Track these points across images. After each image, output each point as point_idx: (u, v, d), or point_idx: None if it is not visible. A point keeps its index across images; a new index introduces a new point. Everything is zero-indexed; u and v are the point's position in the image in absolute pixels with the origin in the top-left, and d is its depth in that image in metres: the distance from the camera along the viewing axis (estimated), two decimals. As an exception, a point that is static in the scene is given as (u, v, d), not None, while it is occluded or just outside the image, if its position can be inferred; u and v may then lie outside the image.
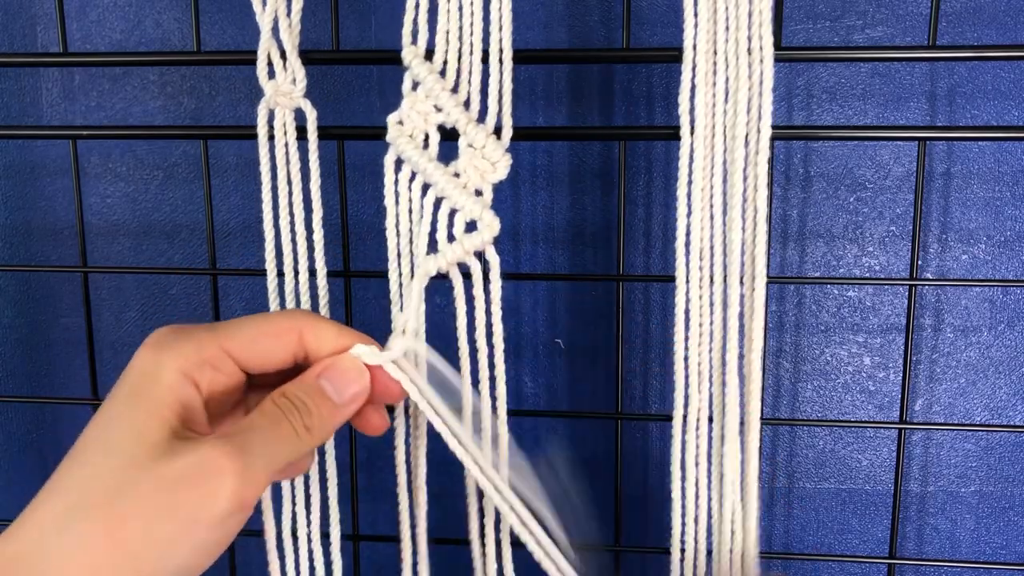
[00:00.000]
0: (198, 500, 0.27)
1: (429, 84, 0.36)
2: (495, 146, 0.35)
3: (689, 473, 0.38)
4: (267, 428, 0.30)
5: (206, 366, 0.30)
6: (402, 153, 0.36)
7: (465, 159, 0.36)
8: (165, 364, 0.30)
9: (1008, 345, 0.54)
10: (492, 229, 0.35)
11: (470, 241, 0.35)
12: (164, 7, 0.56)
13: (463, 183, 0.35)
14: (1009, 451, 0.56)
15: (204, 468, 0.27)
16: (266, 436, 0.30)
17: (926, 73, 0.52)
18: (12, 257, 0.59)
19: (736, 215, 0.35)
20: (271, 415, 0.30)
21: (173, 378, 0.29)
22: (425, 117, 0.36)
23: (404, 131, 0.36)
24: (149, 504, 0.27)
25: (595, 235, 0.55)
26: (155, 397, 0.29)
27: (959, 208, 0.53)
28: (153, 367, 0.30)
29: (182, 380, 0.30)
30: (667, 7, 0.53)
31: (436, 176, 0.35)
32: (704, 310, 0.36)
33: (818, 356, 0.56)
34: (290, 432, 0.30)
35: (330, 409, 0.32)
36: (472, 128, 0.35)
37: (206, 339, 0.31)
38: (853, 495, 0.57)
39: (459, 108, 0.36)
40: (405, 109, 0.36)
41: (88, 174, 0.58)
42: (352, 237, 0.55)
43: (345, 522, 0.41)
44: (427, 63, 0.36)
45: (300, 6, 0.37)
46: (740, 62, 0.35)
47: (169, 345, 0.30)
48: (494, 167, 0.35)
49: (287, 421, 0.30)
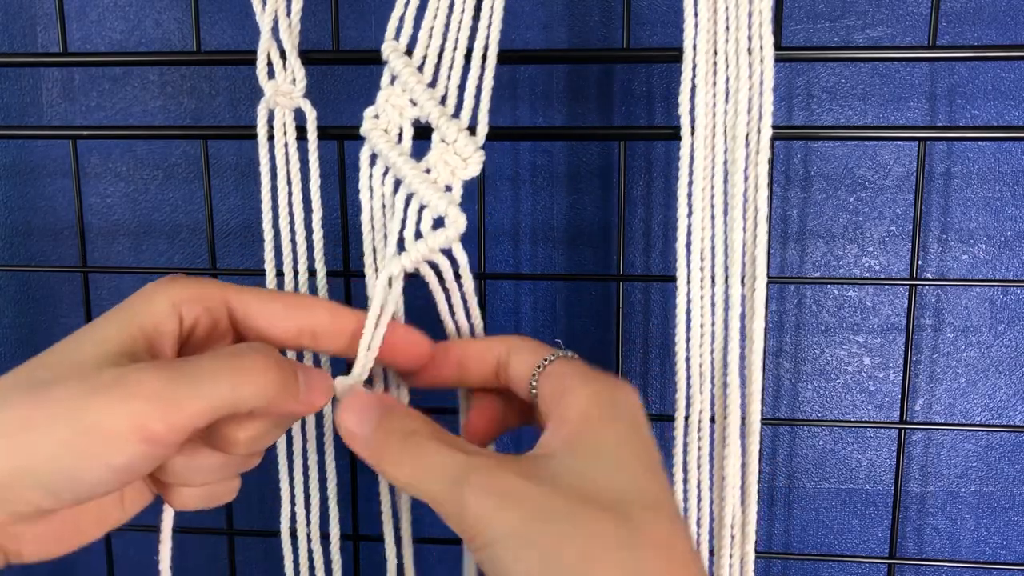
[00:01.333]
0: (108, 414, 0.25)
1: (404, 77, 0.35)
2: (467, 142, 0.35)
3: (691, 475, 0.38)
4: (212, 366, 0.27)
5: (198, 304, 0.30)
6: (375, 147, 0.35)
7: (436, 154, 0.35)
8: (161, 291, 0.30)
9: (1008, 345, 0.54)
10: (458, 226, 0.34)
11: (435, 239, 0.34)
12: (164, 7, 0.56)
13: (433, 179, 0.35)
14: (1009, 451, 0.56)
15: (122, 383, 0.26)
16: (206, 371, 0.27)
17: (926, 73, 0.52)
18: (12, 257, 0.59)
19: (737, 215, 0.35)
20: (225, 354, 0.28)
21: (161, 305, 0.29)
22: (400, 111, 0.35)
23: (379, 125, 0.36)
24: (63, 406, 0.25)
25: (595, 235, 0.55)
26: (133, 316, 0.29)
27: (959, 208, 0.53)
28: (151, 291, 0.30)
29: (168, 309, 0.29)
30: (667, 7, 0.53)
31: (405, 170, 0.35)
32: (705, 310, 0.36)
33: (818, 356, 0.56)
34: (233, 376, 0.27)
35: (288, 386, 0.29)
36: (445, 123, 0.35)
37: (213, 284, 0.30)
38: (853, 495, 0.57)
39: (433, 102, 0.35)
40: (380, 103, 0.36)
41: (88, 174, 0.58)
42: (352, 237, 0.55)
43: (345, 522, 0.41)
44: (405, 57, 0.35)
45: (300, 6, 0.37)
46: (740, 62, 0.35)
47: (176, 280, 0.30)
48: (465, 163, 0.35)
49: (238, 366, 0.27)
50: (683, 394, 0.37)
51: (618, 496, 0.26)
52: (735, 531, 0.37)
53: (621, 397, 0.29)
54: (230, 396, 0.27)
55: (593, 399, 0.29)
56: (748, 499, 0.37)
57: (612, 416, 0.28)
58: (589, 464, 0.27)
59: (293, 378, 0.29)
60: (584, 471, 0.27)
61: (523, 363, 0.32)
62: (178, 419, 0.26)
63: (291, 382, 0.29)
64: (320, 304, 0.32)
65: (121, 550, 0.53)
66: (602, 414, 0.28)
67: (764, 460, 0.57)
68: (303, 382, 0.29)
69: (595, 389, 0.29)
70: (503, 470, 0.27)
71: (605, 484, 0.27)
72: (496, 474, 0.27)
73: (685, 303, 0.36)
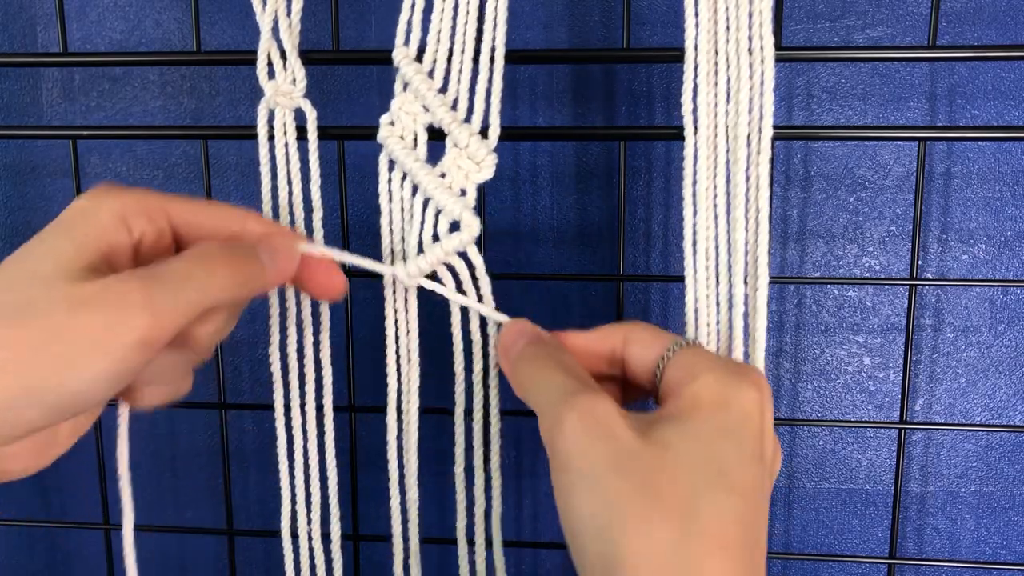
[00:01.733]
0: (102, 326, 0.26)
1: (416, 84, 0.36)
2: (479, 145, 0.36)
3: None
4: (185, 268, 0.29)
5: (143, 216, 0.30)
6: (391, 153, 0.36)
7: (450, 159, 0.36)
8: (103, 205, 0.30)
9: (1008, 345, 0.54)
10: (472, 230, 0.35)
11: (450, 242, 0.35)
12: (164, 7, 0.56)
13: (448, 183, 0.36)
14: (1009, 451, 0.56)
15: (111, 295, 0.27)
16: (182, 274, 0.29)
17: (926, 73, 0.52)
18: (12, 257, 0.59)
19: (739, 215, 0.35)
20: (193, 256, 0.29)
21: (108, 219, 0.29)
22: (414, 118, 0.36)
23: (395, 132, 0.37)
24: (52, 323, 0.26)
25: (595, 235, 0.55)
26: (84, 231, 0.29)
27: (959, 208, 0.53)
28: (91, 206, 0.30)
29: (116, 223, 0.30)
30: (667, 7, 0.53)
31: (421, 176, 0.36)
32: (710, 310, 0.36)
33: (818, 356, 0.56)
34: (207, 275, 0.29)
35: (254, 270, 0.31)
36: (457, 128, 0.36)
37: (151, 195, 0.31)
38: (853, 495, 0.57)
39: (445, 108, 0.36)
40: (395, 110, 0.37)
41: (88, 174, 0.58)
42: (352, 237, 0.55)
43: (345, 522, 0.41)
44: (415, 63, 0.36)
45: (300, 6, 0.37)
46: (741, 62, 0.35)
47: (111, 192, 0.30)
48: (479, 167, 0.36)
49: (208, 265, 0.29)
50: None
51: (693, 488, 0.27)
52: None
53: (739, 387, 0.29)
54: (209, 295, 0.29)
55: (712, 385, 0.29)
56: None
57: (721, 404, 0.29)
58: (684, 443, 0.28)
59: (259, 264, 0.31)
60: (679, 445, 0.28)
61: (646, 351, 0.32)
62: (168, 322, 0.28)
63: (257, 269, 0.31)
64: (251, 216, 0.33)
65: (119, 547, 0.53)
66: (714, 399, 0.29)
67: (764, 460, 0.57)
68: (268, 259, 0.32)
69: (718, 376, 0.30)
70: (611, 405, 0.28)
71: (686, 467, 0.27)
72: (602, 406, 0.28)
73: (693, 302, 0.36)
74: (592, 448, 0.28)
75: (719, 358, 0.31)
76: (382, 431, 0.39)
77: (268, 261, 0.32)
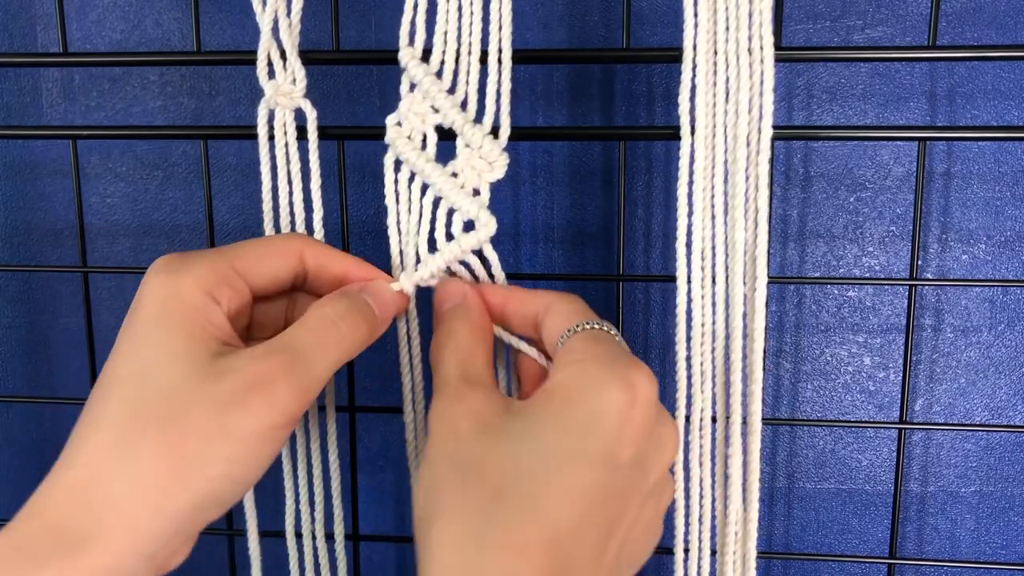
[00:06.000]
0: (252, 416, 0.27)
1: (426, 85, 0.36)
2: (492, 146, 0.36)
3: (693, 474, 0.38)
4: (314, 339, 0.29)
5: (223, 284, 0.30)
6: (400, 154, 0.36)
7: (462, 159, 0.36)
8: (184, 286, 0.29)
9: (1008, 345, 0.54)
10: (489, 228, 0.35)
11: (467, 240, 0.35)
12: (164, 7, 0.56)
13: (460, 183, 0.36)
14: (1009, 451, 0.56)
15: (255, 383, 0.27)
16: (313, 344, 0.29)
17: (926, 73, 0.52)
18: (12, 257, 0.59)
19: (738, 215, 0.35)
20: (320, 324, 0.30)
21: (197, 298, 0.29)
22: (422, 118, 0.36)
23: (402, 132, 0.36)
24: (203, 426, 0.26)
25: (595, 235, 0.55)
26: (185, 319, 0.28)
27: (959, 208, 0.53)
28: (172, 290, 0.29)
29: (206, 299, 0.29)
30: (667, 7, 0.53)
31: (434, 176, 0.36)
32: (706, 310, 0.36)
33: (818, 356, 0.56)
34: (337, 342, 0.30)
35: (374, 325, 0.32)
36: (469, 128, 0.36)
37: (217, 259, 0.30)
38: (853, 495, 0.57)
39: (455, 109, 0.36)
40: (403, 110, 0.36)
41: (88, 174, 0.58)
42: (352, 237, 0.55)
43: (345, 521, 0.41)
44: (423, 64, 0.36)
45: (300, 6, 0.37)
46: (740, 62, 0.35)
47: (182, 268, 0.29)
48: (491, 167, 0.36)
49: (334, 330, 0.30)
50: (684, 393, 0.37)
51: (502, 486, 0.26)
52: (738, 529, 0.37)
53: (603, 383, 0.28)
54: (342, 360, 0.30)
55: (576, 376, 0.28)
56: (750, 498, 0.37)
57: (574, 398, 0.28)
58: (521, 437, 0.27)
59: (375, 317, 0.32)
60: (517, 438, 0.27)
61: (557, 325, 0.32)
62: (312, 395, 0.29)
63: (376, 323, 0.32)
64: (303, 247, 0.33)
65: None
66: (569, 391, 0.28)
67: (764, 460, 0.57)
68: (375, 308, 0.32)
69: (587, 367, 0.28)
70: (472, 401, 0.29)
71: (511, 463, 0.27)
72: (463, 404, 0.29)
73: (685, 302, 0.36)
74: (440, 440, 0.28)
75: (612, 350, 0.29)
76: (382, 431, 0.39)
77: (378, 310, 0.32)
